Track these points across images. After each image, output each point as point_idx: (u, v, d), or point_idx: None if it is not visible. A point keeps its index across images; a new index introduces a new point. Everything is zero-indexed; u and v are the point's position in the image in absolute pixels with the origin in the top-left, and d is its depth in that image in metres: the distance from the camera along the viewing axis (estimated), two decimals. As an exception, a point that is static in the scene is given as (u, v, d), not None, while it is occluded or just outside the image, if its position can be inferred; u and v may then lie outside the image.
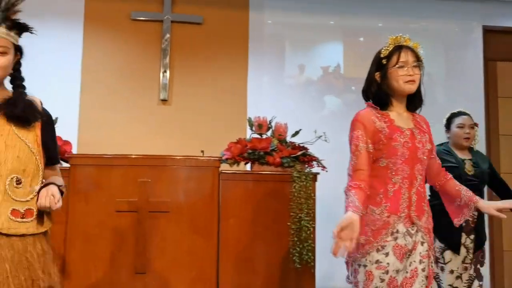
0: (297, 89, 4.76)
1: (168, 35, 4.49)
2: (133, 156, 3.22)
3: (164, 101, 4.45)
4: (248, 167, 3.56)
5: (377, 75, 2.15)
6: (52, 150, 1.73)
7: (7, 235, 1.50)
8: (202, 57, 4.58)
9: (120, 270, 2.98)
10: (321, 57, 4.83)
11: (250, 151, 3.30)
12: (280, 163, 3.27)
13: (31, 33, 1.66)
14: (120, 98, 4.33)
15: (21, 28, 1.63)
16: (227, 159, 3.31)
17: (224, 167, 3.30)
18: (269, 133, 3.44)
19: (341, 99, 4.83)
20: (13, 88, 1.68)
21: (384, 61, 2.10)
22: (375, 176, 2.02)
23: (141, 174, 3.10)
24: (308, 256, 3.08)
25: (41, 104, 1.71)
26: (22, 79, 1.69)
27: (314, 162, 3.36)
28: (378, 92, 2.15)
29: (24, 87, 1.68)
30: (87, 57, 4.36)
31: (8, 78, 1.69)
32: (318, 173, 3.30)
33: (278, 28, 4.77)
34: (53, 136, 1.75)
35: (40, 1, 4.20)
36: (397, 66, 2.07)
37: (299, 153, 3.30)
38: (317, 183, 3.28)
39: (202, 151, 3.33)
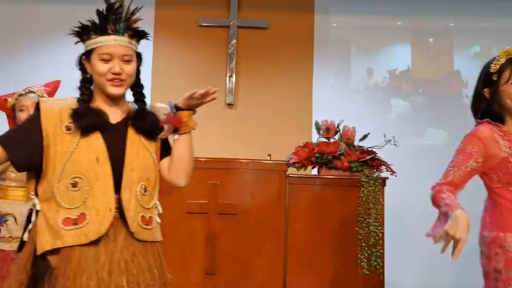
0: (363, 92, 4.69)
1: (234, 40, 4.57)
2: (203, 159, 3.29)
3: (230, 105, 4.53)
4: (315, 171, 3.54)
5: (486, 91, 1.96)
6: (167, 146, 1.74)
7: (138, 240, 1.53)
8: (267, 61, 4.62)
9: (190, 270, 3.06)
10: (388, 59, 4.73)
11: (317, 155, 3.28)
12: (348, 168, 3.22)
13: (147, 39, 1.67)
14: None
15: (140, 36, 1.64)
16: (294, 163, 3.31)
17: (291, 171, 3.30)
18: (336, 137, 3.41)
19: (409, 102, 4.70)
20: (134, 96, 1.70)
21: (494, 77, 1.92)
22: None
23: (211, 176, 3.16)
24: (377, 263, 3.02)
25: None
26: (142, 87, 1.70)
27: (383, 167, 3.29)
28: (488, 109, 1.97)
29: (144, 96, 1.70)
30: (157, 62, 4.50)
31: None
32: (387, 178, 3.23)
33: (344, 30, 4.72)
34: (168, 148, 1.73)
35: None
36: (510, 82, 1.89)
37: (368, 157, 3.24)
38: (385, 188, 3.21)
39: (269, 155, 3.35)
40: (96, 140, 1.54)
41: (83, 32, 1.59)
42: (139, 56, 1.65)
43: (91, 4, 1.61)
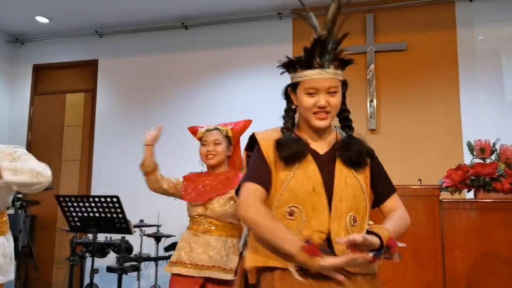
0: (520, 106, 4.29)
1: (372, 65, 4.55)
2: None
3: (372, 130, 4.49)
4: (470, 194, 3.32)
5: None
6: (381, 185, 1.65)
7: (350, 273, 1.47)
8: (408, 83, 4.50)
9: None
10: (547, 68, 4.28)
11: (473, 177, 3.08)
12: (510, 190, 2.97)
13: (355, 63, 1.65)
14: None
15: (346, 64, 1.61)
16: (447, 186, 3.14)
17: (444, 195, 3.14)
18: (493, 157, 3.17)
19: None
20: (340, 121, 1.66)
21: None
22: None
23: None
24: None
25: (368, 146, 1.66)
26: (348, 112, 1.67)
27: (553, 188, 2.96)
28: None
29: (351, 121, 1.66)
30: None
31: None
32: (559, 200, 2.90)
33: (491, 42, 4.40)
34: (380, 170, 1.67)
35: (253, 46, 4.70)
36: None
37: (533, 177, 2.95)
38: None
39: (420, 180, 3.24)
40: (313, 170, 1.53)
41: (291, 66, 1.60)
42: (344, 83, 1.63)
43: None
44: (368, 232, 1.46)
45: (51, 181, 2.10)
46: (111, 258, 4.24)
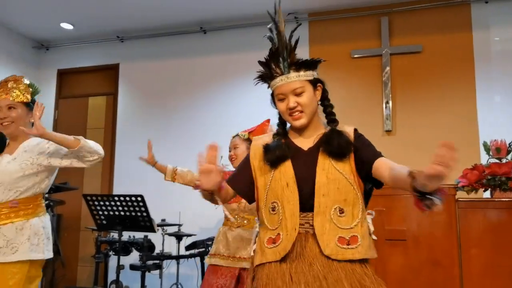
0: (537, 106, 4.31)
1: (388, 68, 4.61)
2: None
3: (388, 131, 4.55)
4: (486, 194, 3.37)
5: None
6: (366, 155, 1.70)
7: (338, 261, 1.58)
8: (424, 85, 4.55)
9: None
10: None
11: (489, 177, 3.13)
12: (526, 189, 3.01)
13: (319, 61, 1.72)
14: (346, 132, 4.58)
15: (308, 65, 1.70)
16: (463, 186, 3.20)
17: (460, 194, 3.19)
18: (509, 156, 3.22)
19: None
20: (326, 117, 1.77)
21: None
22: None
23: (376, 203, 3.20)
24: None
25: (355, 132, 1.75)
26: (331, 106, 1.78)
27: None
28: None
29: (333, 115, 1.77)
30: (314, 97, 4.74)
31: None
32: None
33: (507, 43, 4.43)
34: (368, 146, 1.73)
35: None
36: None
37: (549, 177, 2.99)
38: None
39: (435, 179, 3.29)
40: (287, 167, 1.68)
41: (263, 80, 1.77)
42: (317, 81, 1.72)
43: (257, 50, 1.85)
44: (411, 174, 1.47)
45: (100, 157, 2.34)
46: (134, 256, 4.37)
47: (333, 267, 1.58)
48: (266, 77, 1.76)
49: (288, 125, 1.81)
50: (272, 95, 1.78)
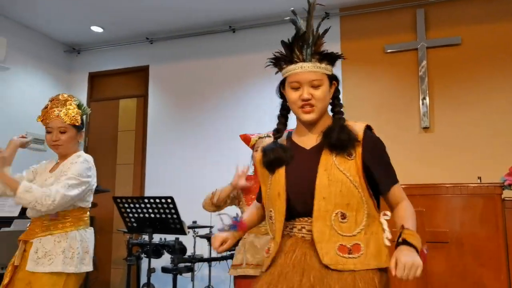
0: None
1: (424, 62, 4.42)
2: (405, 186, 3.21)
3: (426, 128, 4.36)
4: (535, 193, 3.16)
5: None
6: (380, 176, 1.57)
7: (338, 271, 1.45)
8: (462, 79, 4.34)
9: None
10: None
11: (538, 174, 2.93)
12: None
13: (341, 58, 1.64)
14: (381, 130, 4.39)
15: (331, 59, 1.61)
16: (509, 184, 3.01)
17: (506, 193, 3.00)
18: (559, 152, 3.00)
19: None
20: (333, 116, 1.65)
21: None
22: None
23: (416, 203, 3.03)
24: None
25: (367, 129, 1.61)
26: (341, 106, 1.65)
27: None
28: None
29: (341, 114, 1.63)
30: (347, 94, 4.56)
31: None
32: None
33: (553, 33, 4.18)
34: (380, 161, 1.59)
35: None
36: None
37: None
38: None
39: (479, 178, 3.11)
40: (280, 176, 1.60)
41: (277, 63, 1.64)
42: (334, 78, 1.63)
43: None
44: (400, 240, 1.45)
45: (51, 209, 2.21)
46: (166, 259, 4.33)
47: (327, 279, 1.44)
48: (283, 60, 1.62)
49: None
50: (282, 82, 1.65)
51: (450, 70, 4.39)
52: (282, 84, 1.65)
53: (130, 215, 3.34)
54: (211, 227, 4.30)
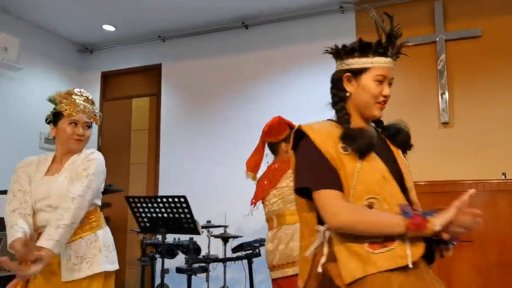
0: None
1: (443, 55, 4.29)
2: (424, 183, 3.11)
3: (445, 123, 4.23)
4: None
5: None
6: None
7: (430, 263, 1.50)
8: (483, 72, 4.20)
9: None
10: None
11: None
12: None
13: (404, 54, 1.63)
14: (399, 126, 4.30)
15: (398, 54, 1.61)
16: (536, 180, 2.88)
17: (533, 190, 2.88)
18: None
19: None
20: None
21: None
22: None
23: (435, 201, 2.93)
24: None
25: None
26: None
27: None
28: None
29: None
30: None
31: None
32: None
33: None
34: None
35: (316, 42, 4.59)
36: None
37: None
38: None
39: (504, 174, 2.99)
40: (376, 160, 1.48)
41: (361, 48, 1.55)
42: None
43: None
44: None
45: (85, 207, 2.13)
46: (180, 259, 4.27)
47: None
48: (373, 50, 1.54)
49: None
50: (354, 72, 1.56)
51: (470, 63, 4.25)
52: (353, 73, 1.56)
53: (143, 214, 3.29)
54: (225, 226, 4.23)
